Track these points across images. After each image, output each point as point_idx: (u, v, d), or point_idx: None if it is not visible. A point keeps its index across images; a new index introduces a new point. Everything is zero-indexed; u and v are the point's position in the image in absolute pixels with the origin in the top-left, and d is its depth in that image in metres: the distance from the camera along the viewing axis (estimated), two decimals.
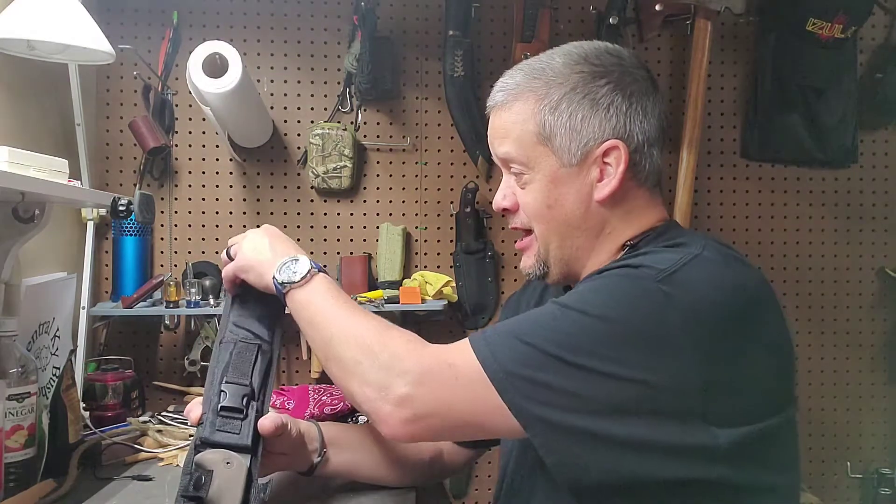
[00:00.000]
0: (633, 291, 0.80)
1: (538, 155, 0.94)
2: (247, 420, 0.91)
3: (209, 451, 0.88)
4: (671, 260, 0.82)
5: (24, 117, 1.63)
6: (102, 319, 1.93)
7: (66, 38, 1.37)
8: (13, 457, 1.18)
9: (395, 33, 2.07)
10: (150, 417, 1.70)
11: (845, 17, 2.03)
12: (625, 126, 0.92)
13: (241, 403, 0.91)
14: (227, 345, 0.96)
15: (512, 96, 0.96)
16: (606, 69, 0.94)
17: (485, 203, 2.10)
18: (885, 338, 2.22)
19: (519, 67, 0.98)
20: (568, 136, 0.92)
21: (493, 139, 0.99)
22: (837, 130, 2.14)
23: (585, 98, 0.92)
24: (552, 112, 0.92)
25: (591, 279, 0.88)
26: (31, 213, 1.33)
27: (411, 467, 1.17)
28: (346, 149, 2.00)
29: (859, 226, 2.22)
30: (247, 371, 0.94)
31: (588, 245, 0.95)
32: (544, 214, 0.95)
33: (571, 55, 0.95)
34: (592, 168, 0.93)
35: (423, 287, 1.94)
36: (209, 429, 0.89)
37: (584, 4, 2.09)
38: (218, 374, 0.94)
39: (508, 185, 1.00)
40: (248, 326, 0.99)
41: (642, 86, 0.95)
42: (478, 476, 2.13)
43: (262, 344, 0.98)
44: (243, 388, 0.92)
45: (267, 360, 0.97)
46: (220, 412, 0.90)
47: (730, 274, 0.83)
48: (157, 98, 1.97)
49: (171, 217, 2.02)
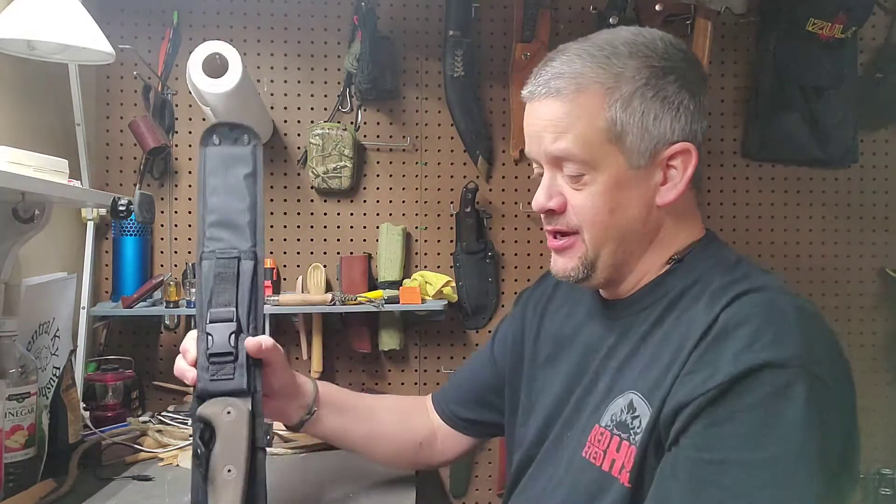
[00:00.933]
0: (807, 403, 0.73)
1: (604, 155, 0.86)
2: (238, 361, 0.88)
3: (208, 402, 0.86)
4: (788, 332, 0.77)
5: (24, 117, 1.63)
6: (102, 319, 1.93)
7: (66, 38, 1.37)
8: (13, 457, 1.19)
9: (395, 33, 2.07)
10: (150, 417, 1.70)
11: (845, 17, 2.03)
12: (691, 127, 0.87)
13: (228, 345, 0.88)
14: (207, 263, 0.93)
15: (573, 86, 0.86)
16: (675, 64, 0.87)
17: (485, 203, 2.10)
18: (885, 338, 2.22)
19: (573, 52, 0.88)
20: (639, 135, 0.85)
21: (543, 132, 0.89)
22: (838, 130, 2.13)
23: (657, 95, 0.85)
24: (624, 108, 0.85)
25: (734, 417, 0.75)
26: (31, 213, 1.33)
27: (402, 446, 1.15)
28: (346, 149, 2.00)
29: (859, 226, 2.22)
30: (230, 297, 0.91)
31: (640, 251, 0.91)
32: (604, 219, 0.88)
33: (636, 45, 0.87)
34: (657, 171, 0.87)
35: (423, 287, 1.94)
36: (204, 379, 0.88)
37: (584, 4, 2.09)
38: (204, 307, 0.91)
39: (554, 183, 0.91)
40: (221, 235, 0.94)
41: (701, 84, 0.90)
42: (478, 476, 2.13)
43: (241, 254, 0.93)
44: (228, 325, 0.89)
45: (250, 272, 0.92)
46: (210, 360, 0.88)
47: (824, 325, 0.82)
48: (157, 98, 1.97)
49: (171, 217, 2.02)
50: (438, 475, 2.08)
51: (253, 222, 0.95)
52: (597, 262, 0.90)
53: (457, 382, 1.20)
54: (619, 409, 0.85)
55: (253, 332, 0.91)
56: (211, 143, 0.97)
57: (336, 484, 1.34)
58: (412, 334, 2.09)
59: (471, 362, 1.22)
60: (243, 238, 0.94)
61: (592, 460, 0.86)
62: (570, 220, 0.90)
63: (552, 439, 0.95)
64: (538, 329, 1.08)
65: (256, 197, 0.96)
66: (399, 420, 1.17)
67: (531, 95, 0.90)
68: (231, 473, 0.82)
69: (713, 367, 0.77)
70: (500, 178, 2.12)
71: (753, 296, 0.81)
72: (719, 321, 0.80)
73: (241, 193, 0.95)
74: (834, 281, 2.21)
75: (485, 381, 1.16)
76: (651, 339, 0.87)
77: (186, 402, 1.93)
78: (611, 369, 0.90)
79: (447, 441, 1.18)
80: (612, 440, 0.84)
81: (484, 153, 2.07)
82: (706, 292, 0.85)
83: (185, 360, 0.92)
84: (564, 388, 0.96)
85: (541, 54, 2.05)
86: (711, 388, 0.76)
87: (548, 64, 0.89)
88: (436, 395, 1.21)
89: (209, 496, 0.82)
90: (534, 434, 0.99)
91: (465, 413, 1.16)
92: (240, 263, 0.92)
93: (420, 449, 1.16)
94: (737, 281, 0.84)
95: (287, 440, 1.62)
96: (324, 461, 1.48)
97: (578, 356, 0.97)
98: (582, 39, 0.90)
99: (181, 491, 1.29)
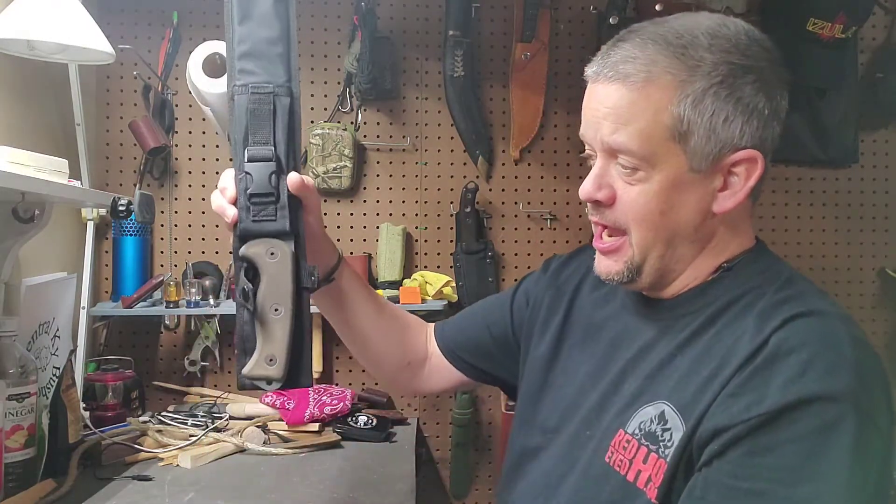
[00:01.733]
0: (855, 439, 0.71)
1: (665, 152, 0.80)
2: (280, 202, 0.85)
3: (251, 243, 0.84)
4: (842, 364, 0.74)
5: (24, 117, 1.63)
6: (102, 319, 1.93)
7: (66, 38, 1.37)
8: (13, 457, 1.19)
9: (395, 33, 2.07)
10: (149, 417, 1.70)
11: (846, 17, 2.03)
12: (762, 134, 0.81)
13: (269, 185, 0.84)
14: (240, 98, 0.87)
15: (644, 73, 0.79)
16: (756, 63, 0.81)
17: (485, 203, 2.10)
18: (885, 338, 2.22)
19: (649, 35, 0.81)
20: (706, 136, 0.79)
21: (602, 119, 0.82)
22: (838, 130, 2.14)
23: (731, 95, 0.79)
24: (694, 106, 0.78)
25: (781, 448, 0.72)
26: (31, 213, 1.33)
27: (391, 357, 1.10)
28: (346, 149, 2.00)
29: (859, 226, 2.22)
30: (268, 135, 0.86)
31: (690, 257, 0.85)
32: (654, 220, 0.82)
33: (718, 37, 0.80)
34: (718, 176, 0.81)
35: (423, 287, 1.94)
36: (245, 220, 0.85)
37: (584, 4, 2.09)
38: (239, 146, 0.87)
39: (607, 173, 0.84)
40: (252, 67, 0.88)
41: (783, 87, 0.83)
42: (478, 476, 2.13)
43: (276, 89, 0.87)
44: (268, 165, 0.85)
45: (286, 109, 0.87)
46: (251, 201, 0.84)
47: (876, 357, 0.79)
48: (157, 98, 1.97)
49: (171, 217, 2.02)
50: (438, 475, 2.09)
51: (287, 54, 0.88)
52: (643, 265, 0.85)
53: (465, 321, 1.15)
54: (649, 419, 0.81)
55: (294, 167, 0.87)
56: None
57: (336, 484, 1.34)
58: None
59: (484, 307, 1.15)
60: (277, 71, 0.88)
61: (617, 468, 0.82)
62: (617, 217, 0.84)
63: (570, 435, 0.91)
64: (569, 307, 1.02)
65: (289, 25, 0.89)
66: (399, 331, 1.11)
67: (596, 76, 0.82)
68: (279, 312, 0.83)
69: (760, 393, 0.73)
70: (500, 178, 2.12)
71: (809, 320, 0.77)
72: (770, 344, 0.76)
73: (272, 21, 0.88)
74: (834, 281, 2.21)
75: (494, 331, 1.10)
76: (690, 349, 0.83)
77: (186, 402, 1.93)
78: (641, 372, 0.86)
79: (437, 370, 1.13)
80: (639, 450, 0.81)
81: (484, 153, 2.08)
82: (755, 308, 0.80)
83: (224, 196, 0.88)
84: (588, 380, 0.92)
85: (541, 54, 2.06)
86: (756, 415, 0.72)
87: (618, 44, 0.82)
88: (440, 326, 1.15)
89: (258, 334, 0.83)
90: (547, 418, 0.95)
91: (466, 355, 1.11)
92: (276, 99, 0.87)
93: (407, 368, 1.12)
94: (790, 300, 0.80)
95: (287, 440, 1.62)
96: (324, 461, 1.48)
97: (606, 348, 0.92)
98: (659, 21, 0.83)
99: (181, 491, 1.29)
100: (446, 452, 2.09)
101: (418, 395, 1.64)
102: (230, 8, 0.89)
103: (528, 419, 0.98)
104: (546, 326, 1.03)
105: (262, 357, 0.83)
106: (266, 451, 1.53)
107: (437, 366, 1.13)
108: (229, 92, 0.88)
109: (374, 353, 1.11)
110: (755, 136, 0.80)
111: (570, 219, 2.13)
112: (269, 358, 0.83)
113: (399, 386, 1.18)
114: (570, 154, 2.12)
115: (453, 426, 2.06)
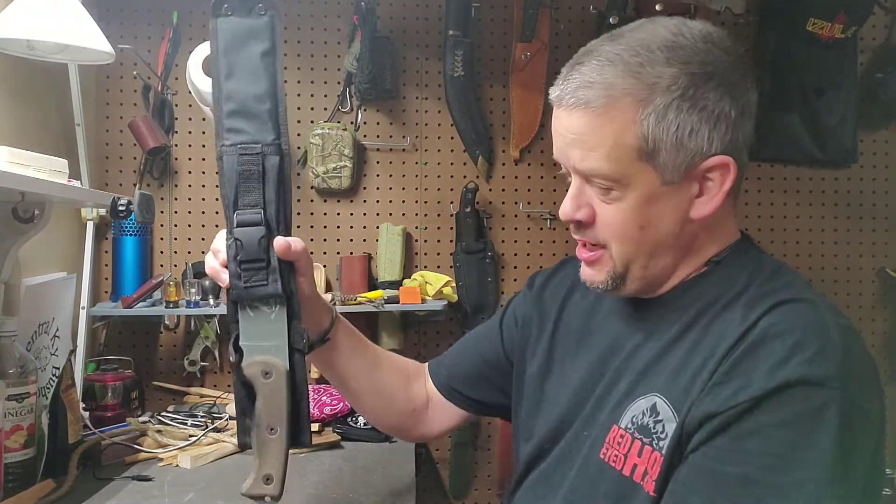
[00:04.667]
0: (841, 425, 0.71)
1: (635, 171, 0.80)
2: (271, 266, 0.86)
3: (246, 361, 0.86)
4: (829, 350, 0.73)
5: (24, 117, 1.63)
6: (102, 319, 1.93)
7: (66, 38, 1.37)
8: (13, 457, 1.19)
9: (395, 33, 2.07)
10: (149, 417, 1.70)
11: (845, 17, 2.03)
12: (732, 137, 0.80)
13: (259, 250, 0.85)
14: (228, 159, 0.87)
15: (604, 98, 0.79)
16: (714, 67, 0.79)
17: (485, 203, 2.10)
18: (885, 338, 2.22)
19: (605, 56, 0.80)
20: (673, 151, 0.79)
21: (569, 145, 0.83)
22: (837, 130, 2.13)
23: (694, 106, 0.78)
24: (657, 123, 0.78)
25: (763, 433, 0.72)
26: (31, 213, 1.33)
27: (395, 407, 1.10)
28: (346, 149, 2.00)
29: (859, 226, 2.22)
30: (257, 198, 0.86)
31: (675, 263, 0.86)
32: (633, 235, 0.83)
33: (675, 48, 0.79)
34: (693, 184, 0.82)
35: (423, 287, 1.94)
36: (238, 287, 0.86)
37: (584, 4, 2.09)
38: (230, 209, 0.87)
39: (583, 193, 0.85)
40: (241, 126, 0.87)
41: (747, 81, 0.82)
42: (477, 476, 2.13)
43: (264, 148, 0.86)
44: (258, 230, 0.85)
45: (275, 169, 0.87)
46: (242, 267, 0.85)
47: (864, 346, 0.79)
48: (157, 98, 1.97)
49: (171, 217, 2.02)
50: (438, 475, 2.08)
51: (274, 110, 0.87)
52: (626, 275, 0.86)
53: (457, 355, 1.15)
54: (641, 412, 0.82)
55: (283, 233, 0.87)
56: (222, 13, 0.87)
57: (336, 484, 1.34)
58: (412, 334, 2.09)
59: (475, 336, 1.15)
60: (265, 129, 0.87)
61: (612, 463, 0.83)
62: (597, 234, 0.85)
63: (568, 439, 0.92)
64: (557, 320, 1.02)
65: (276, 80, 0.87)
66: (401, 381, 1.11)
67: (559, 101, 0.83)
68: (274, 432, 0.85)
69: (746, 379, 0.74)
70: (500, 178, 2.12)
71: (796, 305, 0.78)
72: (757, 328, 0.76)
73: (260, 76, 0.87)
74: (834, 281, 2.21)
75: (488, 358, 1.10)
76: (680, 344, 0.83)
77: (186, 402, 1.93)
78: (633, 370, 0.86)
79: (439, 412, 1.13)
80: (633, 444, 0.81)
81: (484, 153, 2.08)
82: (742, 298, 0.81)
83: (216, 259, 0.89)
84: (583, 386, 0.92)
85: (541, 54, 2.06)
86: (743, 400, 0.73)
87: (576, 67, 0.82)
88: (434, 364, 1.15)
89: (255, 450, 0.86)
90: (547, 429, 0.95)
91: (463, 388, 1.11)
92: (264, 159, 0.86)
93: (412, 415, 1.12)
94: (777, 290, 0.80)
95: None
96: (324, 461, 1.48)
97: (599, 353, 0.93)
98: (616, 36, 0.82)
99: (181, 491, 1.29)
100: (446, 452, 2.10)
101: (425, 440, 1.65)
102: (216, 63, 0.88)
103: (529, 435, 0.99)
104: (537, 342, 1.03)
105: (260, 477, 0.85)
106: None
107: (438, 406, 1.13)
108: (217, 151, 0.88)
109: (377, 405, 1.11)
110: (724, 140, 0.80)
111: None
112: (266, 478, 0.85)
113: (406, 433, 1.18)
114: None
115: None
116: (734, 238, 0.89)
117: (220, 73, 0.87)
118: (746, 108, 0.82)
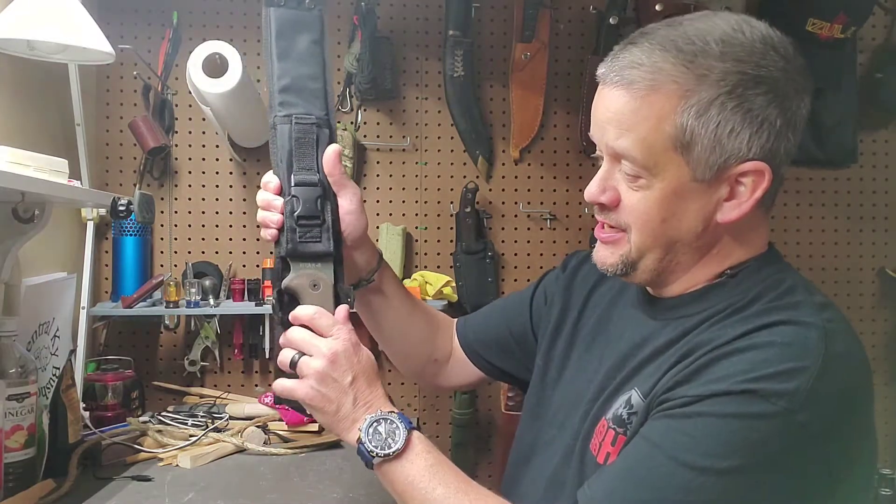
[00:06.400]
0: (767, 439, 0.71)
1: (667, 162, 0.79)
2: (325, 225, 0.91)
3: (293, 275, 0.89)
4: (797, 373, 0.72)
5: (24, 117, 1.63)
6: (102, 319, 1.93)
7: (66, 38, 1.37)
8: (13, 457, 1.19)
9: (395, 33, 2.07)
10: (149, 417, 1.70)
11: (845, 17, 2.03)
12: (773, 146, 0.78)
13: (316, 209, 0.90)
14: (282, 127, 0.93)
15: (648, 81, 0.78)
16: (769, 73, 0.78)
17: (485, 203, 2.10)
18: (885, 338, 2.22)
19: (659, 40, 0.79)
20: (709, 147, 0.77)
21: (605, 122, 0.81)
22: (837, 130, 2.13)
23: (740, 106, 0.77)
24: (698, 116, 0.77)
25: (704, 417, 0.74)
26: (31, 213, 1.33)
27: (419, 353, 1.15)
28: (346, 149, 2.00)
29: (859, 226, 2.22)
30: (312, 162, 0.92)
31: (690, 263, 0.85)
32: (654, 226, 0.82)
33: (732, 44, 0.78)
34: (723, 185, 0.80)
35: (423, 287, 1.94)
36: (293, 241, 0.90)
37: (584, 4, 2.09)
38: (283, 168, 0.92)
39: (611, 176, 0.84)
40: (293, 100, 0.94)
41: (801, 95, 0.80)
42: (478, 476, 2.13)
43: (318, 119, 0.93)
44: (314, 190, 0.91)
45: (327, 140, 0.94)
46: (299, 223, 0.90)
47: (858, 371, 0.78)
48: (157, 98, 1.97)
49: (171, 217, 2.02)
50: None
51: (324, 90, 0.94)
52: (638, 263, 0.85)
53: (486, 320, 1.17)
54: (620, 405, 0.84)
55: (333, 199, 0.93)
56: (275, 4, 0.96)
57: (336, 484, 1.34)
58: None
59: (505, 306, 1.18)
60: (316, 105, 0.94)
61: (594, 453, 0.85)
62: (619, 219, 0.84)
63: (573, 428, 0.92)
64: (584, 304, 1.03)
65: (325, 65, 0.95)
66: (429, 331, 1.15)
67: (603, 78, 0.82)
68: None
69: (706, 379, 0.75)
70: (500, 178, 2.12)
71: (793, 328, 0.76)
72: (741, 341, 0.76)
73: (310, 60, 0.94)
74: (834, 281, 2.21)
75: (515, 331, 1.12)
76: (676, 347, 0.83)
77: (186, 402, 1.93)
78: (630, 365, 0.88)
79: (459, 367, 1.16)
80: (607, 433, 0.84)
81: (484, 153, 2.08)
82: (745, 312, 0.80)
83: (268, 189, 0.93)
84: (593, 375, 0.93)
85: (541, 54, 2.06)
86: (694, 395, 0.74)
87: (627, 47, 0.80)
88: (462, 323, 1.18)
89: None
90: (556, 413, 0.97)
91: (486, 354, 1.14)
92: (318, 130, 0.93)
93: (434, 364, 1.16)
94: (781, 309, 0.79)
95: (287, 440, 1.62)
96: (324, 461, 1.48)
97: (610, 342, 0.94)
98: (675, 23, 0.81)
99: (181, 491, 1.29)
100: (446, 452, 2.09)
101: (440, 390, 1.69)
102: (269, 42, 0.96)
103: (539, 414, 1.00)
104: (562, 324, 1.04)
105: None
106: (266, 451, 1.53)
107: (459, 361, 1.16)
108: (271, 122, 0.93)
109: (404, 350, 1.15)
110: (764, 147, 0.78)
111: (569, 219, 2.13)
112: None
113: (424, 380, 1.22)
114: (569, 154, 2.12)
115: (453, 426, 2.06)
116: (760, 250, 0.87)
117: (273, 54, 0.95)
118: (793, 121, 0.80)
